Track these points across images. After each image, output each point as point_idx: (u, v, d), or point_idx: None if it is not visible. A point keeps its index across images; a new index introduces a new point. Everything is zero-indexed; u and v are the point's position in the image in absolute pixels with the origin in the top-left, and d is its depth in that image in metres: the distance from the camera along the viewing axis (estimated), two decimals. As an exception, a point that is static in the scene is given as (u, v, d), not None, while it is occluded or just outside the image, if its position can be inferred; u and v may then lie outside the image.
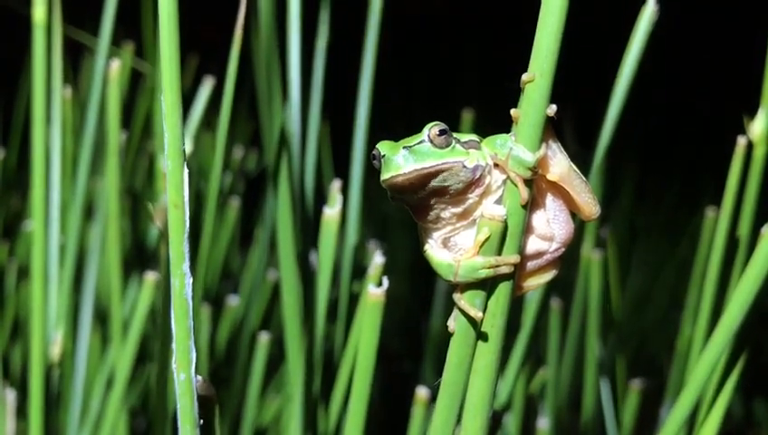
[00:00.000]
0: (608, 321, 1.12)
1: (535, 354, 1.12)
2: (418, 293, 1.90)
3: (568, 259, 0.50)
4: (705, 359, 0.57)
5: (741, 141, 0.74)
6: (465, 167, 0.45)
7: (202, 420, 0.48)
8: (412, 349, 1.77)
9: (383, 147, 0.47)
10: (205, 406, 0.49)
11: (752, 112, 0.73)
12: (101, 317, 1.09)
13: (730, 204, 0.75)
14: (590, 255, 1.02)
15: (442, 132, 0.46)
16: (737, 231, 0.75)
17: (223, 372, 1.22)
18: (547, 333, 1.10)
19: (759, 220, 0.62)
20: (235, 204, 1.29)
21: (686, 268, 1.00)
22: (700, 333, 0.76)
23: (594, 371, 1.08)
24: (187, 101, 1.11)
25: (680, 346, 1.00)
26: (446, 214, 0.47)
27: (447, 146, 0.46)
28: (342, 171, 0.99)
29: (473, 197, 0.46)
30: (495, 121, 0.48)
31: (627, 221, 1.71)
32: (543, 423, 1.00)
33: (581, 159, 0.80)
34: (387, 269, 0.68)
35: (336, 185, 0.79)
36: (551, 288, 0.85)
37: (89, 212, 1.16)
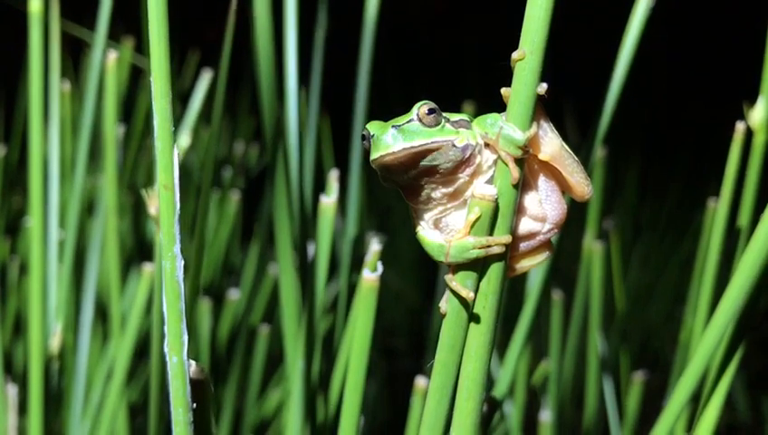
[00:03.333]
0: (610, 313, 1.12)
1: (537, 346, 1.11)
2: (422, 289, 1.90)
3: (569, 251, 0.50)
4: (706, 340, 0.56)
5: (739, 127, 0.73)
6: (454, 146, 0.45)
7: (195, 404, 0.48)
8: (415, 346, 1.77)
9: (372, 127, 0.46)
10: (198, 389, 0.48)
11: (753, 100, 0.73)
12: (102, 311, 1.09)
13: (729, 191, 0.74)
14: (592, 246, 1.02)
15: (431, 111, 0.46)
16: (737, 220, 0.74)
17: (224, 364, 1.22)
18: (549, 324, 1.09)
19: (759, 208, 0.61)
20: (235, 198, 1.29)
21: (691, 263, 0.99)
22: (701, 320, 0.75)
23: (597, 363, 1.07)
24: (187, 96, 1.12)
25: (683, 338, 0.99)
26: (436, 194, 0.46)
27: (437, 125, 0.45)
28: (343, 164, 0.99)
29: (463, 176, 0.46)
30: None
31: (630, 215, 1.70)
32: (546, 416, 1.00)
33: (584, 150, 0.79)
34: (391, 265, 0.67)
35: (334, 174, 0.79)
36: (552, 279, 0.84)
37: (90, 207, 1.16)
